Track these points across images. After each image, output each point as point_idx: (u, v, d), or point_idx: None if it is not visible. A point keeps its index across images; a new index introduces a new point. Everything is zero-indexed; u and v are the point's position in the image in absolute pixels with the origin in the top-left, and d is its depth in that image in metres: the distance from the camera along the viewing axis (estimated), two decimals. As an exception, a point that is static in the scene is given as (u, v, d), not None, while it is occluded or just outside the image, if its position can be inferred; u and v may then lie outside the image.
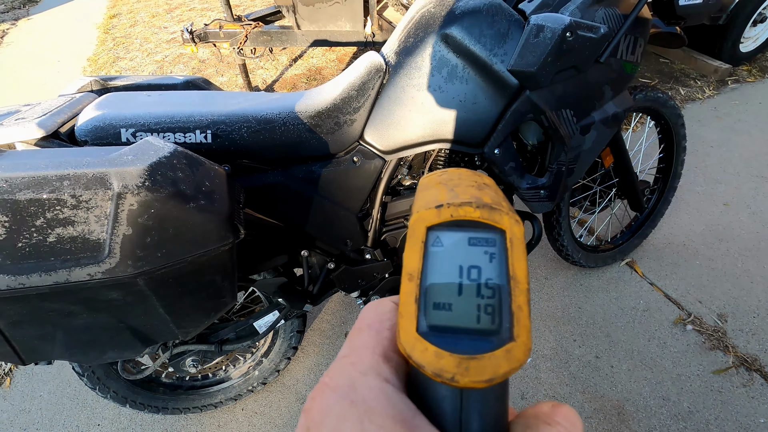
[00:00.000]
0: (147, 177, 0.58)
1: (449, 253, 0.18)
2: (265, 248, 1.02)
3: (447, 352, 0.16)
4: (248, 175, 0.96)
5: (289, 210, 1.00)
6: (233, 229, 0.67)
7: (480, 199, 0.19)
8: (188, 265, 0.63)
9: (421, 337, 0.17)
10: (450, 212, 0.18)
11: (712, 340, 1.45)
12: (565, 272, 1.72)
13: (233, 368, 1.35)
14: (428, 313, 0.18)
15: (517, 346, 0.16)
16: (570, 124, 1.04)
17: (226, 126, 0.90)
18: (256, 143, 0.92)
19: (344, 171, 1.02)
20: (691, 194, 2.02)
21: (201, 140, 0.88)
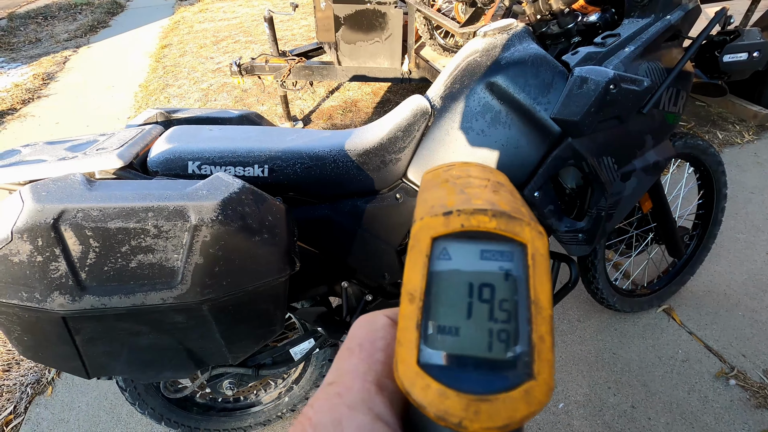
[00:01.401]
0: (220, 211, 0.63)
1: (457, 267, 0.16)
2: (307, 278, 1.06)
3: (453, 391, 0.14)
4: (296, 207, 1.01)
5: (333, 242, 1.05)
6: (290, 261, 0.72)
7: (496, 205, 0.16)
8: (248, 294, 0.67)
9: (423, 371, 0.15)
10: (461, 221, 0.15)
11: (758, 398, 1.38)
12: (599, 315, 1.69)
13: (264, 393, 1.38)
14: (432, 339, 0.15)
15: (538, 386, 0.14)
16: (611, 171, 1.06)
17: (282, 161, 0.96)
18: (307, 178, 0.98)
19: (387, 207, 1.07)
20: (732, 242, 1.97)
21: (258, 174, 0.94)
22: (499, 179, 0.18)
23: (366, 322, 0.18)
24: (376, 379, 0.16)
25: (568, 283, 1.21)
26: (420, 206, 0.17)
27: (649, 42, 0.98)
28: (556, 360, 1.53)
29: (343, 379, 0.16)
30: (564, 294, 1.23)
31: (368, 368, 0.16)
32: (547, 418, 1.37)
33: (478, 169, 0.19)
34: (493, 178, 0.18)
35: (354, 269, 1.10)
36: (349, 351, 0.17)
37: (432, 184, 0.18)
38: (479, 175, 0.18)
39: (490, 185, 0.17)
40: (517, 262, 0.15)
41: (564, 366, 1.51)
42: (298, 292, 1.08)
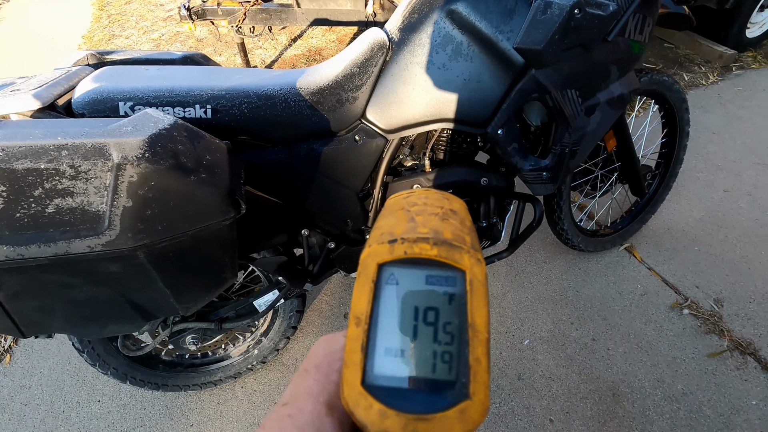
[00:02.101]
0: (147, 148, 0.57)
1: (404, 291, 0.16)
2: (265, 226, 1.01)
3: (393, 410, 0.14)
4: (249, 151, 0.94)
5: (290, 188, 0.99)
6: (234, 203, 0.67)
7: (440, 233, 0.16)
8: (189, 239, 0.62)
9: (366, 392, 0.15)
10: (404, 249, 0.16)
11: (708, 325, 1.46)
12: (564, 256, 1.72)
13: (233, 347, 1.36)
14: (377, 361, 0.16)
15: (473, 405, 0.14)
16: (575, 105, 1.03)
17: (227, 101, 0.88)
18: (256, 119, 0.91)
19: (346, 149, 1.01)
20: (692, 181, 2.02)
21: (201, 115, 0.86)
22: (453, 207, 0.19)
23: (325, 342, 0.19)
24: (328, 400, 0.16)
25: (532, 223, 1.21)
26: (372, 233, 0.18)
27: (615, -38, 0.92)
28: (524, 299, 1.57)
29: (296, 400, 0.16)
30: (528, 233, 1.23)
31: (322, 389, 0.17)
32: (513, 354, 1.42)
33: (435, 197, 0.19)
34: (447, 206, 0.18)
35: (314, 216, 1.06)
36: (306, 372, 0.18)
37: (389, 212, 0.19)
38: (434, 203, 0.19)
39: (441, 213, 0.18)
40: (459, 287, 0.16)
41: (530, 305, 1.56)
42: (257, 241, 1.04)
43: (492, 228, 1.27)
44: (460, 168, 1.15)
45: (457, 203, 0.20)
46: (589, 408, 1.28)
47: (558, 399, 1.31)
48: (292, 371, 1.42)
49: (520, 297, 1.59)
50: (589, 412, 1.27)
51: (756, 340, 1.41)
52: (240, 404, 1.35)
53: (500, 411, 1.29)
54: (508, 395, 1.32)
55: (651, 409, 1.27)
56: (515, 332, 1.48)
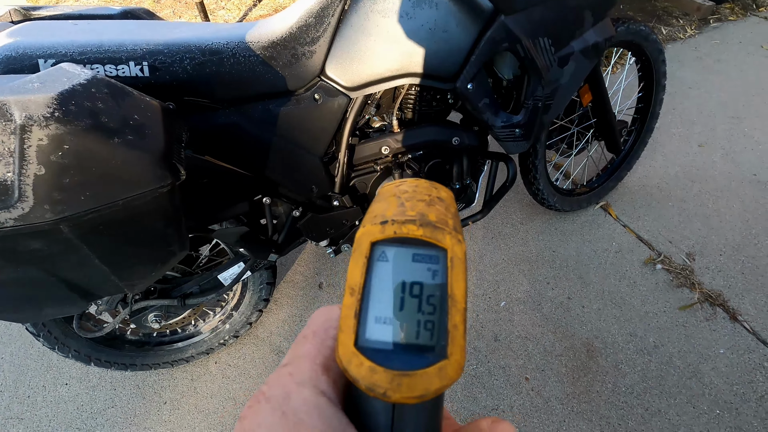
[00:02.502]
0: (57, 107, 0.49)
1: (393, 268, 0.18)
2: (222, 196, 0.94)
3: (381, 367, 0.16)
4: (197, 114, 0.86)
5: (246, 154, 0.92)
6: (171, 169, 0.60)
7: (425, 216, 0.18)
8: (121, 210, 0.56)
9: (358, 352, 0.17)
10: (394, 229, 0.18)
11: (680, 278, 1.48)
12: (540, 217, 1.71)
13: (203, 322, 1.32)
14: (368, 327, 0.17)
15: (450, 364, 0.16)
16: (547, 55, 0.97)
17: (166, 57, 0.79)
18: (202, 78, 0.83)
19: (305, 110, 0.94)
20: (667, 136, 2.01)
21: (137, 73, 0.77)
22: (440, 195, 0.20)
23: (324, 312, 0.21)
24: (323, 362, 0.18)
25: (506, 183, 1.17)
26: (367, 215, 0.20)
27: None
28: (500, 262, 1.56)
29: (295, 361, 0.18)
30: (502, 193, 1.20)
31: (318, 353, 0.18)
32: (490, 316, 1.42)
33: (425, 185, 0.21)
34: (434, 194, 0.20)
35: (275, 183, 1.00)
36: (304, 338, 0.20)
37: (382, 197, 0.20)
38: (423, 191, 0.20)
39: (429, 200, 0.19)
40: (441, 264, 0.18)
41: (506, 267, 1.55)
42: (215, 211, 0.97)
43: (466, 189, 1.23)
44: (431, 127, 1.10)
45: (444, 192, 0.21)
46: (563, 365, 1.30)
47: (533, 357, 1.32)
48: (266, 344, 1.39)
49: (497, 259, 1.57)
50: (564, 369, 1.29)
51: (725, 292, 1.44)
52: (214, 379, 1.32)
53: (477, 372, 1.29)
54: (485, 356, 1.33)
55: (623, 363, 1.29)
56: (492, 294, 1.47)
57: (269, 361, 1.36)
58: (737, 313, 1.38)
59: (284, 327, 1.43)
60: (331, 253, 1.20)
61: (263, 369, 1.34)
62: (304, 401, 0.17)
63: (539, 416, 1.20)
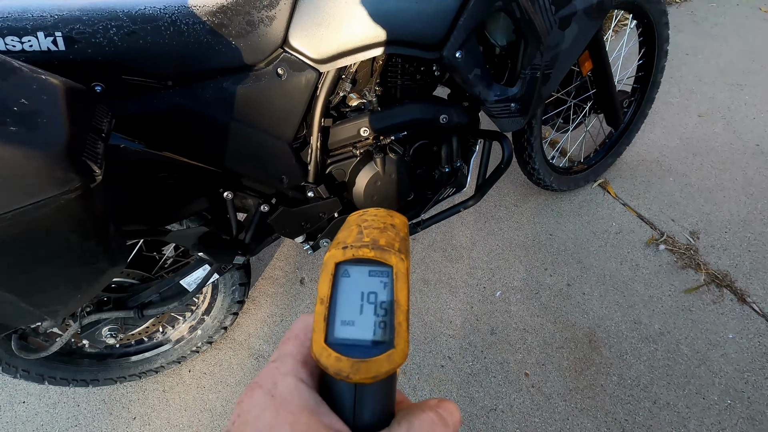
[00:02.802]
0: None
1: (354, 281, 0.23)
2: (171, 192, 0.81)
3: (345, 357, 0.21)
4: (135, 96, 0.72)
5: (197, 141, 0.78)
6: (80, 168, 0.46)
7: (377, 241, 0.23)
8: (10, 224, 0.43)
9: (327, 347, 0.21)
10: (352, 252, 0.22)
11: (684, 259, 1.40)
12: (535, 197, 1.60)
13: (171, 329, 1.20)
14: (336, 328, 0.22)
15: (396, 352, 0.21)
16: (547, 15, 0.84)
17: (85, 26, 0.64)
18: (134, 51, 0.68)
19: (266, 87, 0.80)
20: (666, 107, 1.90)
21: (48, 47, 0.62)
22: (394, 222, 0.25)
23: (303, 319, 0.25)
24: (303, 359, 0.23)
25: (500, 164, 1.05)
26: (333, 241, 0.24)
27: None
28: (495, 248, 1.45)
29: (281, 358, 0.23)
30: (497, 177, 1.08)
31: (298, 351, 0.24)
32: (485, 308, 1.32)
33: (381, 214, 0.26)
34: (389, 221, 0.25)
35: (238, 175, 0.86)
36: (288, 340, 0.25)
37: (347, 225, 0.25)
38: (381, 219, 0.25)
39: (382, 227, 0.24)
40: (389, 278, 0.22)
41: (501, 254, 1.44)
42: (169, 210, 0.84)
43: (456, 173, 1.11)
44: (415, 104, 0.97)
45: (398, 219, 0.26)
46: (565, 357, 1.21)
47: (533, 351, 1.23)
48: (245, 348, 1.28)
49: (491, 245, 1.47)
50: (566, 362, 1.20)
51: (732, 272, 1.36)
52: (188, 390, 1.21)
53: (473, 370, 1.20)
54: (481, 352, 1.23)
55: (628, 353, 1.21)
56: (486, 284, 1.37)
57: (248, 366, 1.25)
58: (745, 295, 1.30)
59: (264, 328, 1.32)
60: (308, 250, 1.08)
61: (242, 376, 1.23)
62: (287, 386, 0.21)
63: (541, 415, 1.12)
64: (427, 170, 1.09)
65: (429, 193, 1.15)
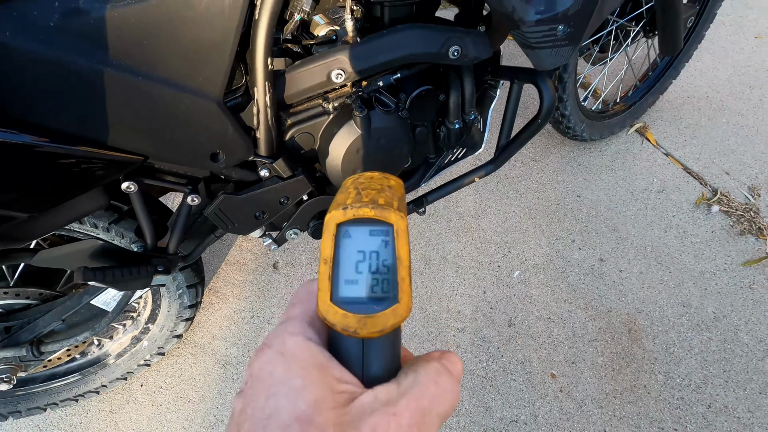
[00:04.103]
0: None
1: (355, 242, 0.23)
2: (40, 185, 0.50)
3: (351, 313, 0.22)
4: None
5: (50, 106, 0.47)
6: None
7: (376, 201, 0.23)
8: None
9: (333, 305, 0.22)
10: (353, 213, 0.23)
11: (743, 222, 1.14)
12: (558, 149, 1.30)
13: (110, 341, 0.94)
14: (340, 287, 0.23)
15: (400, 306, 0.22)
16: None
17: None
18: None
19: (163, 4, 0.47)
20: (716, 27, 1.54)
21: None
22: (390, 184, 0.26)
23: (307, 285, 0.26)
24: (309, 320, 0.24)
25: (536, 118, 0.75)
26: (333, 202, 0.25)
27: None
28: (511, 215, 1.18)
29: (289, 320, 0.24)
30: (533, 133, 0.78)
31: (304, 314, 0.24)
32: (501, 293, 1.08)
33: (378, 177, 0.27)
34: (385, 183, 0.26)
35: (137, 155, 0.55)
36: (293, 305, 0.25)
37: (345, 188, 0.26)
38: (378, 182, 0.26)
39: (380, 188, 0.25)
40: (390, 236, 0.23)
41: (518, 223, 1.18)
42: (35, 222, 0.54)
43: (469, 129, 0.80)
44: (411, 30, 0.63)
45: (394, 181, 0.27)
46: (599, 353, 0.99)
47: (560, 346, 1.01)
48: (208, 354, 1.04)
49: (505, 212, 1.19)
50: (600, 359, 0.99)
51: (800, 237, 1.11)
52: (142, 409, 0.99)
53: (488, 372, 0.98)
54: (497, 349, 1.01)
55: (676, 345, 0.99)
56: (501, 262, 1.12)
57: (214, 376, 1.02)
58: (818, 266, 1.07)
59: (231, 328, 1.08)
60: (271, 245, 0.80)
61: (207, 389, 1.00)
62: (296, 343, 0.22)
63: (572, 426, 0.92)
64: (429, 127, 0.78)
65: (432, 156, 0.85)
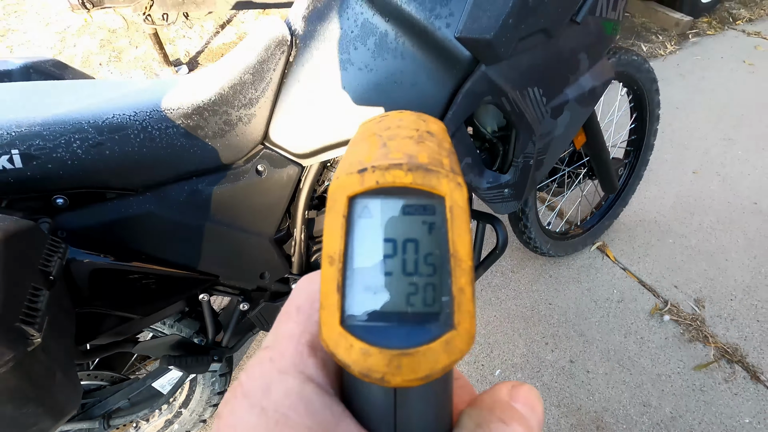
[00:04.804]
0: None
1: (380, 224, 0.14)
2: (142, 302, 0.75)
3: (376, 348, 0.13)
4: (101, 204, 0.67)
5: (169, 247, 0.73)
6: (12, 338, 0.40)
7: (414, 158, 0.14)
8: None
9: (346, 332, 0.14)
10: (375, 178, 0.14)
11: (691, 331, 1.33)
12: (532, 262, 1.55)
13: (146, 424, 1.10)
14: (356, 300, 0.14)
15: (459, 335, 0.14)
16: (538, 107, 0.81)
17: (45, 141, 0.60)
18: (100, 162, 0.63)
19: (246, 186, 0.76)
20: (659, 163, 1.88)
21: (3, 166, 0.58)
22: (430, 128, 0.17)
23: (307, 283, 0.18)
24: (310, 341, 0.16)
25: (495, 249, 1.00)
26: (341, 162, 0.16)
27: None
28: (493, 319, 1.39)
29: (277, 343, 0.16)
30: (492, 261, 1.03)
31: (303, 330, 0.16)
32: (484, 389, 1.23)
33: (410, 118, 0.17)
34: (423, 128, 0.17)
35: (214, 276, 0.80)
36: (287, 315, 0.17)
37: (360, 138, 0.17)
38: (409, 125, 0.17)
39: (417, 136, 0.16)
40: (439, 215, 0.15)
41: (499, 326, 1.37)
42: (137, 322, 0.77)
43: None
44: (404, 189, 0.92)
45: (434, 124, 0.18)
46: (572, 448, 1.12)
47: (537, 440, 1.14)
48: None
49: (488, 316, 1.40)
50: (573, 454, 1.11)
51: (742, 345, 1.29)
52: (162, 492, 1.10)
53: (473, 464, 1.11)
54: (481, 442, 1.14)
55: (639, 442, 1.12)
56: (485, 361, 1.30)
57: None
58: (758, 371, 1.23)
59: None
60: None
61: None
62: (287, 393, 0.14)
63: None
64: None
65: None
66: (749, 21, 2.83)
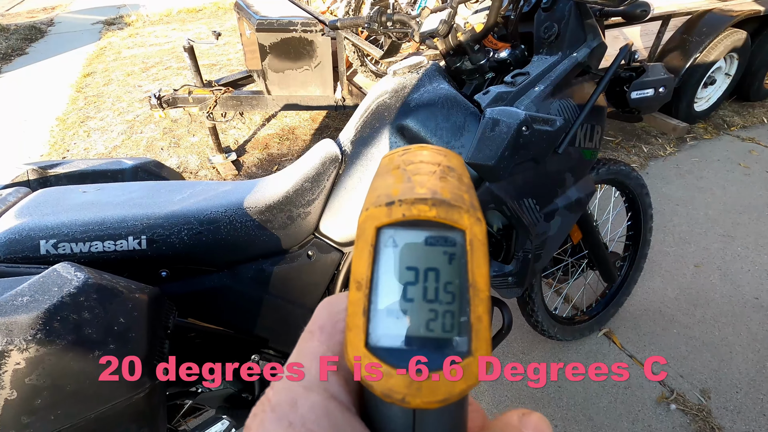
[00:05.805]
0: (41, 327, 0.49)
1: (404, 254, 0.16)
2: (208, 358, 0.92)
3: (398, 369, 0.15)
4: (188, 278, 0.87)
5: (236, 313, 0.92)
6: (151, 371, 0.58)
7: (438, 193, 0.16)
8: (92, 422, 0.53)
9: (370, 353, 0.15)
10: (402, 211, 0.16)
11: (698, 421, 1.38)
12: (542, 345, 1.65)
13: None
14: (380, 324, 0.16)
15: (475, 362, 0.15)
16: (533, 213, 1.01)
17: (164, 230, 0.83)
18: (198, 246, 0.85)
19: (298, 267, 0.96)
20: (662, 256, 2.02)
21: (134, 247, 0.80)
22: (451, 164, 0.18)
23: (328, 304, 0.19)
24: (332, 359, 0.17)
25: (501, 330, 1.15)
26: (369, 194, 0.18)
27: (558, 80, 0.95)
28: (504, 399, 1.46)
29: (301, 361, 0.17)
30: (499, 341, 1.16)
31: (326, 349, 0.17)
32: (495, 468, 1.29)
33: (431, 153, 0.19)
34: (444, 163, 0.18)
35: (265, 339, 0.98)
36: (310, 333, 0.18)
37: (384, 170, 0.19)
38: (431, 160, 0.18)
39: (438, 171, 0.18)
40: (459, 247, 0.16)
41: (511, 406, 1.45)
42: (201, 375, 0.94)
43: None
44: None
45: (455, 159, 0.19)
46: None
47: None
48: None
49: (500, 397, 1.48)
50: None
51: (749, 438, 1.33)
52: None
53: None
54: None
55: None
56: (496, 440, 1.36)
57: None
58: (767, 467, 1.26)
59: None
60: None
61: None
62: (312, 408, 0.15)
63: None
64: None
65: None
66: (743, 127, 3.10)
